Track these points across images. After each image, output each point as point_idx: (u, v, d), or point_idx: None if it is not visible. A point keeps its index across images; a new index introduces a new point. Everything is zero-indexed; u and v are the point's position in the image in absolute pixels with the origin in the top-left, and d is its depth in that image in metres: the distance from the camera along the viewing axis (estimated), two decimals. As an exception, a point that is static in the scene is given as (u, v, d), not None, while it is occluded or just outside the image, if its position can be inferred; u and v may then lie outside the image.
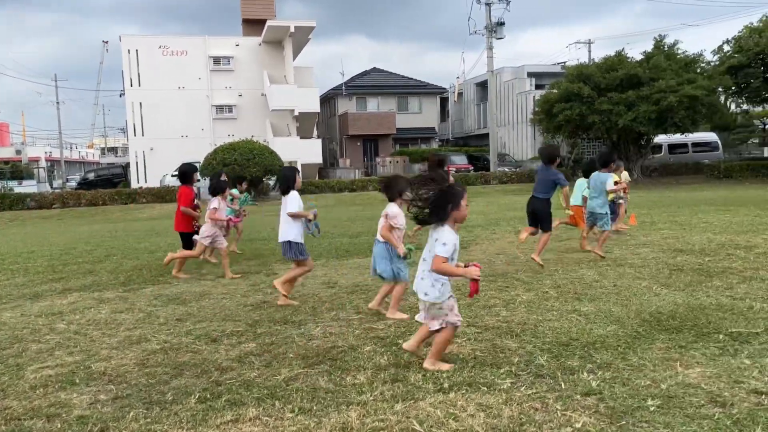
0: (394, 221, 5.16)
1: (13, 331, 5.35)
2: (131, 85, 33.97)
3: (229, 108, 35.16)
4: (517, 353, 4.17)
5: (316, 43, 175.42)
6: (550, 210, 7.56)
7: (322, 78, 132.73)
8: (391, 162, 37.20)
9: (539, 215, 7.52)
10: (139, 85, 33.92)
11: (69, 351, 4.72)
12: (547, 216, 7.53)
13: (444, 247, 3.70)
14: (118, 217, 22.58)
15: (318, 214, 6.07)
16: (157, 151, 33.32)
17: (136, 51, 33.87)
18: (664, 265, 7.18)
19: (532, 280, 6.65)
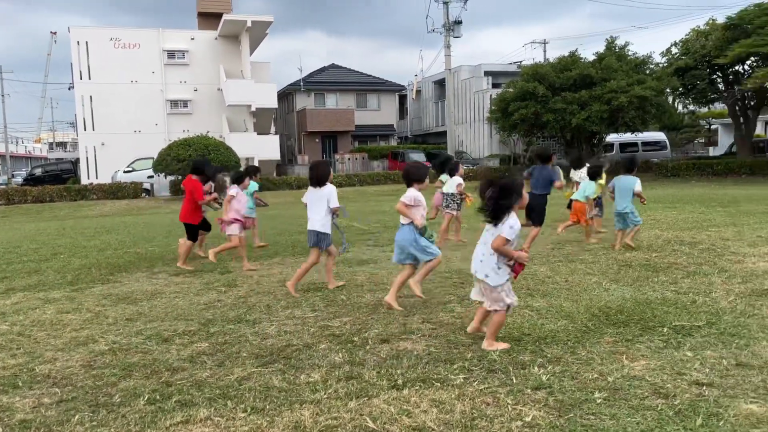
0: (408, 200, 5.37)
1: (-48, 334, 5.12)
2: (81, 78, 32.80)
3: (184, 103, 34.39)
4: (470, 348, 4.23)
5: (274, 38, 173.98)
6: (545, 205, 8.18)
7: (280, 74, 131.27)
8: (350, 159, 37.12)
9: (535, 209, 7.94)
10: (89, 78, 32.79)
11: (12, 353, 4.55)
12: (542, 211, 8.10)
13: (511, 230, 4.09)
14: (67, 215, 21.83)
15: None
16: (108, 146, 32.37)
17: (86, 43, 32.72)
18: (614, 261, 7.38)
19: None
